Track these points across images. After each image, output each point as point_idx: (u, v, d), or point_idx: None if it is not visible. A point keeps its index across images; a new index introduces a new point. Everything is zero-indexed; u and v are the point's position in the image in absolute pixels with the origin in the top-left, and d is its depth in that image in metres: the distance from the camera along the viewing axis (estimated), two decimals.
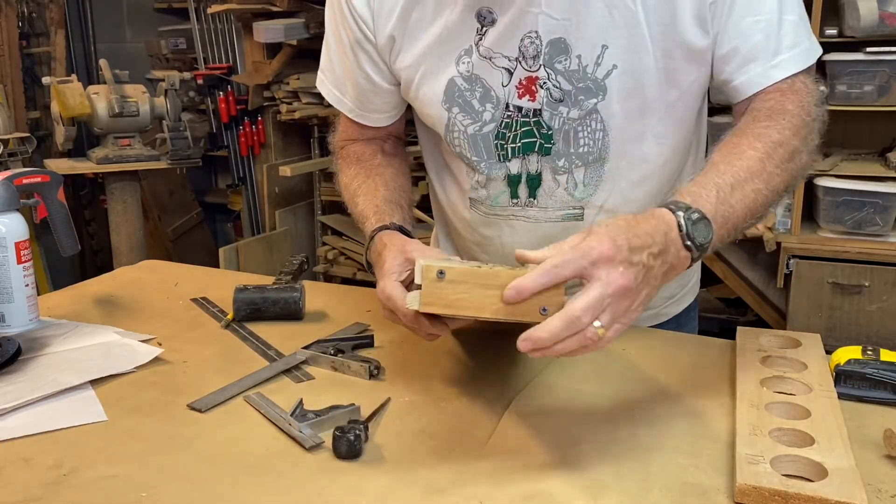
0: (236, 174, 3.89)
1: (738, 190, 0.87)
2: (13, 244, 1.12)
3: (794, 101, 0.96)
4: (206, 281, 1.38)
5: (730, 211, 0.86)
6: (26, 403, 0.90)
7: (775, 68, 0.96)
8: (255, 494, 0.73)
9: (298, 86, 3.48)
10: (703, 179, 0.88)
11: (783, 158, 0.92)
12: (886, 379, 0.89)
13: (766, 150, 0.91)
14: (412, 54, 1.06)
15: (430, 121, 1.11)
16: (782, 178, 0.92)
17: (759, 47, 0.96)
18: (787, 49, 0.96)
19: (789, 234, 2.98)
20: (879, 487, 0.73)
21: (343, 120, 1.22)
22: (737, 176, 0.88)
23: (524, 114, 1.04)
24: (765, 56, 0.96)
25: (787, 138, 0.93)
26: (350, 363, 1.00)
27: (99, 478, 0.76)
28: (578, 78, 1.00)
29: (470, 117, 1.06)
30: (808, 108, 0.96)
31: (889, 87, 2.79)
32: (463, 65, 1.03)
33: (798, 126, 0.94)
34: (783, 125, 0.93)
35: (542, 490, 0.73)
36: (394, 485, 0.75)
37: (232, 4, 3.49)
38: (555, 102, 1.02)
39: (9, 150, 3.39)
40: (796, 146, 0.93)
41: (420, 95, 1.08)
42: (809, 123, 0.96)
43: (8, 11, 3.88)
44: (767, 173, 0.90)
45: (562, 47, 0.99)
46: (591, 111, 1.02)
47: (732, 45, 0.97)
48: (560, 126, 1.03)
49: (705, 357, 1.03)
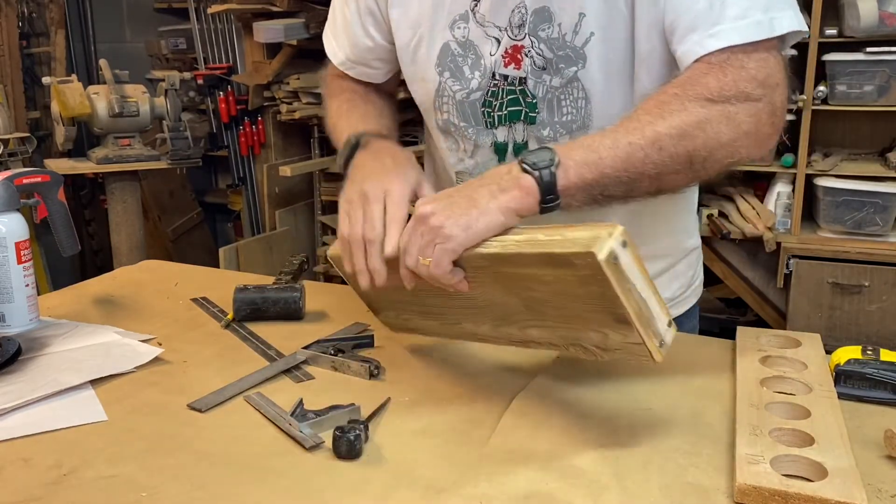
0: (236, 174, 3.89)
1: (607, 138, 0.85)
2: (13, 244, 1.12)
3: (717, 78, 0.88)
4: (206, 281, 1.38)
5: (593, 156, 0.84)
6: (26, 403, 0.90)
7: (712, 37, 0.90)
8: (255, 494, 0.73)
9: (298, 86, 3.48)
10: (584, 138, 0.87)
11: (681, 123, 0.86)
12: (886, 379, 0.89)
13: (658, 112, 0.86)
14: (409, 15, 1.09)
15: (423, 86, 1.13)
16: (677, 143, 0.85)
17: (700, 16, 0.91)
18: (729, 20, 0.89)
19: (789, 234, 2.98)
20: (879, 487, 0.73)
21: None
22: (614, 131, 0.86)
23: (510, 82, 1.05)
24: (704, 25, 0.90)
25: (689, 109, 0.86)
26: (350, 363, 1.00)
27: (99, 478, 0.76)
28: (559, 46, 1.01)
29: (459, 83, 1.08)
30: (732, 83, 0.88)
31: (889, 87, 2.79)
32: (458, 30, 1.05)
33: (708, 99, 0.87)
34: (692, 94, 0.87)
35: (542, 490, 0.73)
36: (394, 485, 0.75)
37: (232, 4, 3.49)
38: (539, 70, 1.04)
39: (9, 150, 3.39)
40: (703, 115, 0.86)
41: (417, 58, 1.11)
42: (730, 100, 0.88)
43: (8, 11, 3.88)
44: (653, 132, 0.85)
45: (545, 16, 1.01)
46: (573, 79, 1.03)
47: (676, 13, 0.93)
48: (544, 94, 1.05)
49: (705, 357, 1.03)
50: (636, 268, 0.74)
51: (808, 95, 2.84)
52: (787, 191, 3.00)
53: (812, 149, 3.01)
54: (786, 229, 3.00)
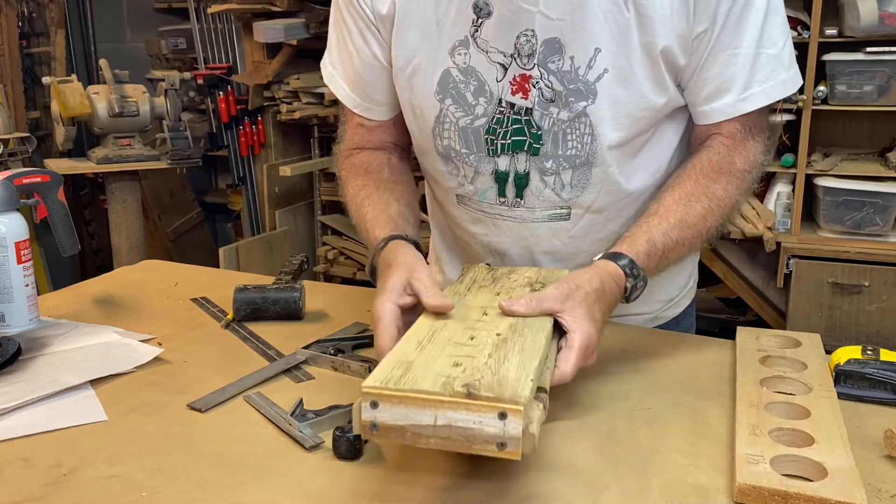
0: (236, 174, 3.89)
1: (677, 247, 1.00)
2: (13, 244, 1.12)
3: (742, 157, 1.04)
4: (206, 281, 1.38)
5: (664, 264, 1.00)
6: (26, 403, 0.90)
7: (745, 101, 1.02)
8: (255, 494, 0.73)
9: (298, 86, 3.48)
10: (655, 234, 0.98)
11: (722, 216, 1.03)
12: (886, 379, 0.89)
13: (710, 207, 1.01)
14: (406, 39, 1.06)
15: (418, 112, 1.10)
16: (717, 227, 1.03)
17: (734, 80, 1.01)
18: (759, 83, 1.01)
19: (789, 234, 2.98)
20: (879, 487, 0.73)
21: (349, 127, 1.20)
22: (681, 233, 1.00)
23: (516, 111, 1.04)
24: (737, 89, 1.01)
25: (730, 194, 1.03)
26: (350, 363, 1.00)
27: (99, 478, 0.76)
28: (570, 79, 1.00)
29: (462, 110, 1.06)
30: (755, 163, 1.05)
31: (889, 87, 2.79)
32: (459, 56, 1.03)
33: (741, 182, 1.04)
34: (728, 181, 1.03)
35: (542, 490, 0.73)
36: (394, 485, 0.75)
37: (232, 4, 3.49)
38: (546, 102, 1.02)
39: (9, 150, 3.39)
40: (737, 201, 1.05)
41: (413, 85, 1.08)
42: (752, 179, 1.06)
43: (8, 11, 3.88)
44: (706, 227, 1.02)
45: (556, 47, 0.99)
46: (581, 114, 1.02)
47: (708, 74, 1.01)
48: (550, 127, 1.04)
49: (705, 357, 1.03)
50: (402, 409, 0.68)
51: (808, 95, 2.84)
52: (787, 191, 3.00)
53: (812, 149, 3.01)
54: (786, 229, 3.00)
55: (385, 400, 0.69)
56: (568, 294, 0.88)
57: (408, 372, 0.72)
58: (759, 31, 0.99)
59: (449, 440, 0.68)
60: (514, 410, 0.66)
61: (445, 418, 0.67)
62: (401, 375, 0.71)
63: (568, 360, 0.84)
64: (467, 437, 0.67)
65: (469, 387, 0.68)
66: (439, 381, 0.70)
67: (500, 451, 0.66)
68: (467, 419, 0.67)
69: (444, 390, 0.68)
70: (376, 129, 1.19)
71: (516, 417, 0.66)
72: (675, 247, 0.99)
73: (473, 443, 0.67)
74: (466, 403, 0.67)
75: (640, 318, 1.19)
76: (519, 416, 0.66)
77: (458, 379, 0.70)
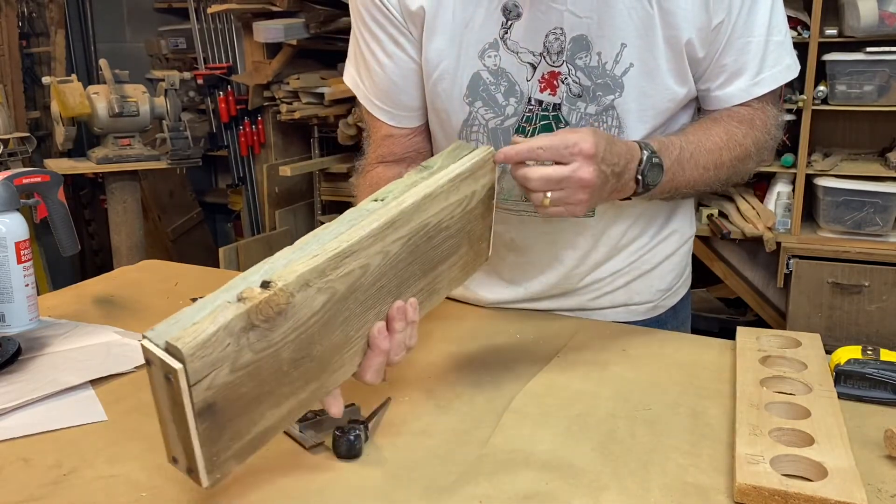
0: (236, 174, 3.89)
1: (693, 159, 1.02)
2: (13, 244, 1.12)
3: (762, 120, 1.09)
4: (206, 281, 1.38)
5: (680, 172, 1.01)
6: (26, 403, 0.90)
7: (756, 86, 1.07)
8: (255, 494, 0.73)
9: (298, 86, 3.48)
10: (674, 138, 1.02)
11: (737, 156, 1.06)
12: (886, 379, 0.89)
13: (727, 143, 1.05)
14: (434, 43, 1.05)
15: (444, 115, 1.10)
16: (728, 171, 1.07)
17: (747, 66, 1.05)
18: (768, 68, 1.06)
19: (789, 234, 2.98)
20: (879, 487, 0.73)
21: (375, 139, 1.18)
22: (699, 148, 1.03)
23: (544, 108, 1.06)
24: (749, 74, 1.06)
25: (747, 144, 1.07)
26: None
27: (99, 478, 0.76)
28: (598, 74, 1.03)
29: (493, 111, 1.07)
30: (770, 130, 1.10)
31: (889, 87, 2.79)
32: (489, 59, 1.05)
33: (758, 139, 1.08)
34: (748, 132, 1.07)
35: (542, 490, 0.73)
36: (394, 485, 0.75)
37: (232, 4, 3.49)
38: (574, 97, 1.05)
39: (9, 150, 3.39)
40: (751, 153, 1.08)
41: (440, 90, 1.08)
42: (768, 141, 1.10)
43: (8, 11, 3.88)
44: (720, 160, 1.05)
45: (583, 44, 1.02)
46: (608, 107, 1.04)
47: (724, 62, 1.05)
48: (577, 121, 1.05)
49: (705, 357, 1.03)
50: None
51: (808, 95, 2.84)
52: (787, 191, 3.00)
53: (812, 149, 3.01)
54: (786, 229, 3.00)
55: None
56: (567, 131, 0.92)
57: None
58: (768, 18, 1.04)
59: None
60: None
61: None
62: None
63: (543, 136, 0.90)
64: None
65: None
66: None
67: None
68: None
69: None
70: (403, 138, 1.17)
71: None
72: (690, 159, 1.01)
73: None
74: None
75: (641, 308, 1.22)
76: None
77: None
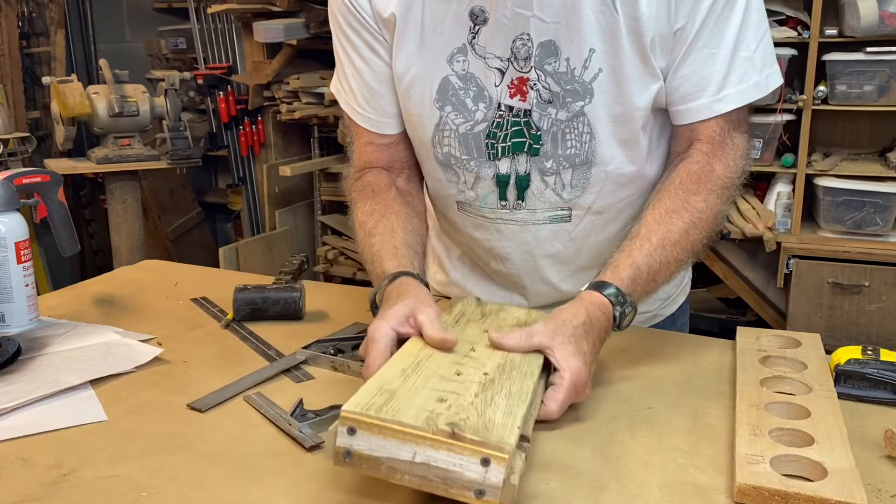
0: (236, 174, 3.89)
1: (664, 263, 0.98)
2: (13, 244, 1.12)
3: (722, 162, 1.03)
4: (206, 281, 1.38)
5: (653, 284, 0.98)
6: (26, 403, 0.90)
7: (720, 102, 1.01)
8: (254, 494, 0.73)
9: (298, 86, 3.48)
10: (638, 256, 0.97)
11: (705, 227, 1.01)
12: (886, 379, 0.89)
13: (692, 222, 1.00)
14: (404, 48, 1.05)
15: (416, 120, 1.10)
16: (701, 243, 1.02)
17: (710, 79, 1.01)
18: (733, 84, 1.01)
19: (789, 234, 2.98)
20: (879, 487, 0.73)
21: (358, 146, 1.18)
22: (665, 246, 0.98)
23: (515, 113, 1.05)
24: (712, 89, 1.01)
25: (711, 205, 1.01)
26: (350, 363, 1.00)
27: (99, 478, 0.76)
28: (567, 80, 1.01)
29: (462, 116, 1.06)
30: (735, 168, 1.04)
31: (889, 87, 2.79)
32: (458, 63, 1.04)
33: (723, 189, 1.03)
34: (709, 191, 1.02)
35: (542, 490, 0.73)
36: (394, 485, 0.75)
37: (232, 4, 3.49)
38: (544, 103, 1.03)
39: (9, 150, 3.39)
40: (720, 210, 1.03)
41: (412, 94, 1.08)
42: (733, 183, 1.04)
43: (8, 11, 3.88)
44: (690, 242, 1.00)
45: (551, 49, 1.00)
46: (578, 113, 1.03)
47: (685, 72, 1.01)
48: (549, 127, 1.04)
49: (705, 357, 1.03)
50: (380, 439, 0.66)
51: (808, 95, 2.84)
52: (787, 191, 3.00)
53: (812, 149, 3.01)
54: (786, 229, 3.00)
55: (364, 428, 0.66)
56: (555, 330, 0.88)
57: (390, 401, 0.70)
58: (737, 32, 0.99)
59: (424, 479, 0.65)
60: (498, 458, 0.64)
61: (425, 456, 0.65)
62: (382, 403, 0.69)
63: (555, 398, 0.84)
64: (445, 478, 0.65)
65: (454, 426, 0.65)
66: (422, 416, 0.67)
67: (478, 499, 0.64)
68: (448, 460, 0.65)
69: (427, 426, 0.66)
70: (386, 147, 1.17)
71: (499, 465, 0.64)
72: (660, 268, 0.98)
73: (451, 486, 0.64)
74: (449, 444, 0.65)
75: (639, 318, 1.19)
76: (503, 464, 0.64)
77: (442, 416, 0.68)
